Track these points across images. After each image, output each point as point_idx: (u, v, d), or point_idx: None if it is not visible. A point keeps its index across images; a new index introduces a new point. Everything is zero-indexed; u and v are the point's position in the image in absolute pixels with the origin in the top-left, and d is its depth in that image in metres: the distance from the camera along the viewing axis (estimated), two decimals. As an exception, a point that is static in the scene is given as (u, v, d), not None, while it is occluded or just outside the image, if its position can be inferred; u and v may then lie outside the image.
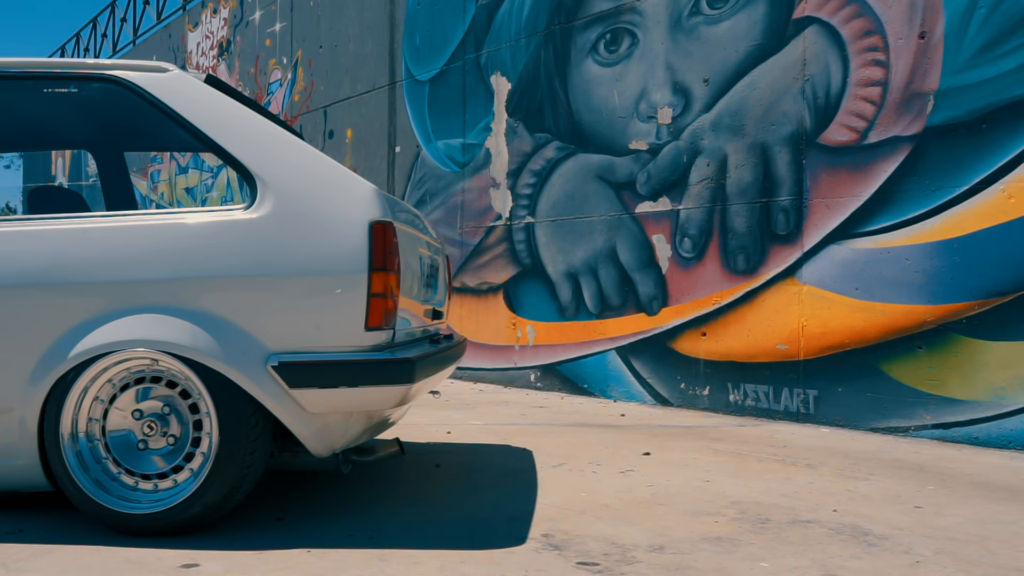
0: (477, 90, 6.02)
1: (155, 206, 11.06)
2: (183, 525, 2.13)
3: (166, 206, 10.81)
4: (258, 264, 2.14)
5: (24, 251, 2.19)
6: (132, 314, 2.13)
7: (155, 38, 11.31)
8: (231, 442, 2.11)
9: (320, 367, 2.12)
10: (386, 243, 2.18)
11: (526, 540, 2.13)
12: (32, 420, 2.17)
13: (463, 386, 5.75)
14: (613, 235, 5.03)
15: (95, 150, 3.26)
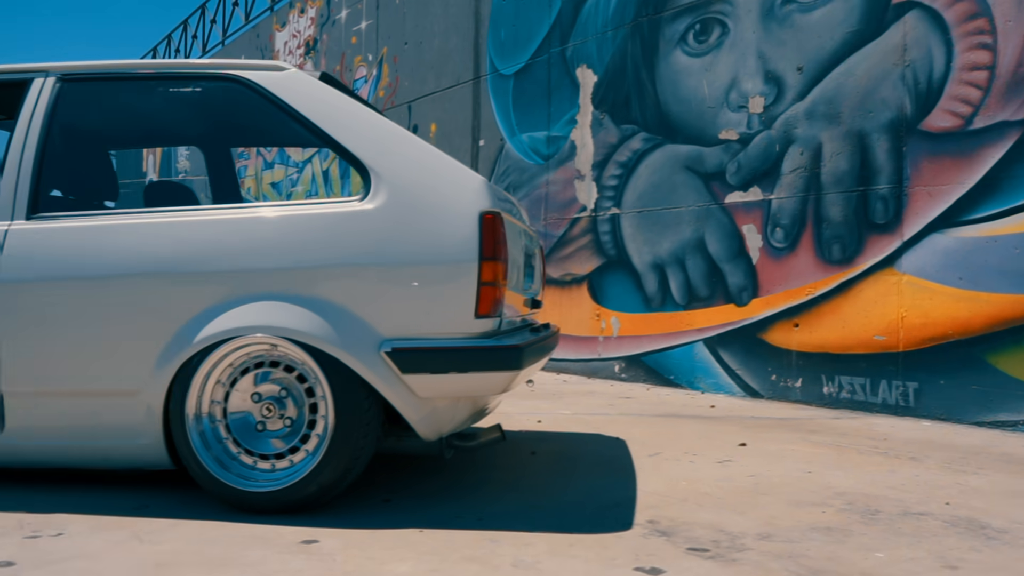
0: (562, 83, 6.03)
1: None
2: (299, 504, 2.21)
3: (251, 200, 11.13)
4: (372, 254, 2.20)
5: (152, 242, 2.30)
6: (253, 302, 2.22)
7: (243, 38, 11.63)
8: (345, 425, 2.18)
9: (431, 353, 2.17)
10: (495, 233, 2.22)
11: (632, 526, 2.15)
12: (158, 402, 2.28)
13: (547, 376, 5.78)
14: (701, 225, 4.98)
15: (206, 146, 3.39)
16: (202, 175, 12.06)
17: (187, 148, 12.63)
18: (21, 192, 2.41)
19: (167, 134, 3.28)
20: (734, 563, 1.86)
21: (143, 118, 2.92)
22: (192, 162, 12.83)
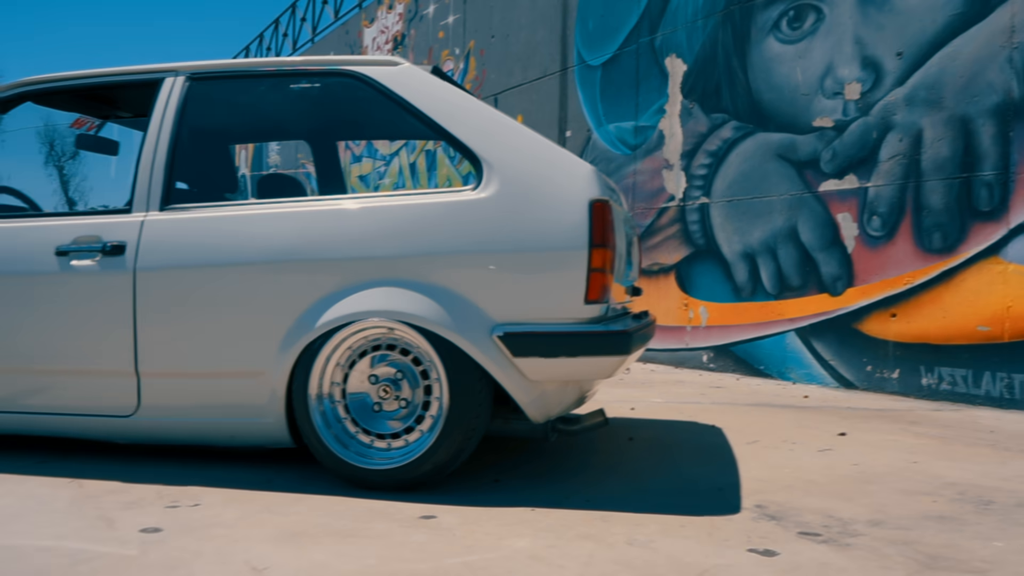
0: (651, 73, 6.01)
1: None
2: (414, 481, 2.30)
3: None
4: (485, 241, 2.27)
5: (277, 231, 2.41)
6: (371, 288, 2.31)
7: (333, 35, 11.89)
8: (459, 406, 2.26)
9: (542, 337, 2.23)
10: (604, 220, 2.25)
11: (740, 510, 2.17)
12: (281, 383, 2.39)
13: (634, 366, 5.78)
14: (794, 214, 4.92)
15: (318, 139, 3.51)
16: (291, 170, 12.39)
17: (278, 144, 12.98)
18: (155, 185, 2.56)
19: (284, 129, 3.42)
20: (848, 548, 1.86)
21: (263, 114, 3.05)
22: (283, 157, 13.18)
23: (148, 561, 1.76)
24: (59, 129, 3.90)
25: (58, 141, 4.09)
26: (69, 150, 4.23)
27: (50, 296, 2.56)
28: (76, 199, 4.45)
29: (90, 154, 3.46)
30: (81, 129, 3.37)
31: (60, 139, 4.07)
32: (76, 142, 3.33)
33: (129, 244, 2.50)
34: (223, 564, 1.74)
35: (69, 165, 4.55)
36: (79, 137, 3.36)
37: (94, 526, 2.01)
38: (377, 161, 10.27)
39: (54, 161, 4.46)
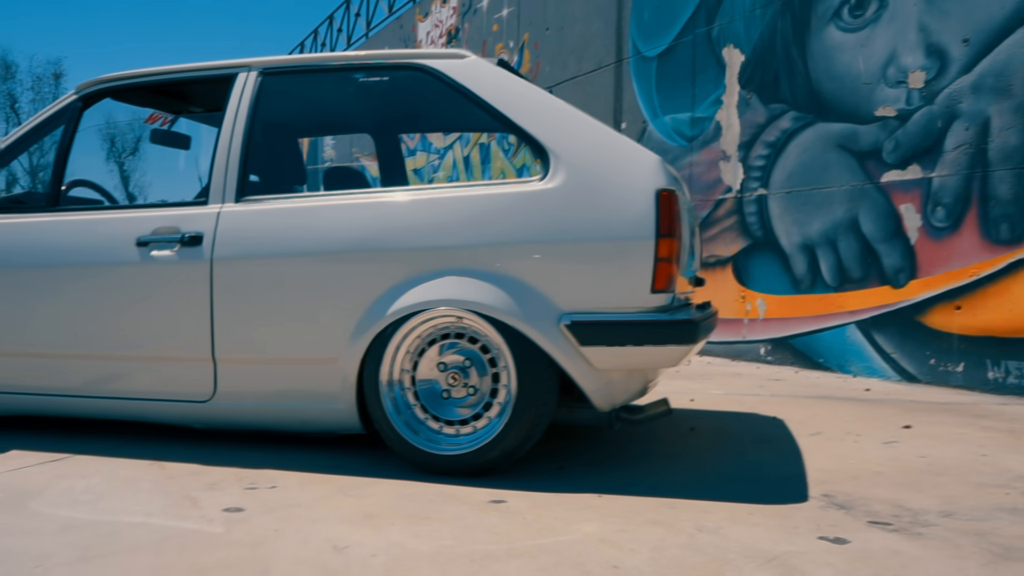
0: (707, 63, 5.97)
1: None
2: (482, 467, 2.34)
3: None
4: (553, 231, 2.30)
5: (348, 221, 2.47)
6: (440, 277, 2.36)
7: (387, 30, 12.01)
8: (526, 394, 2.30)
9: (609, 327, 2.25)
10: (671, 210, 2.27)
11: (807, 498, 2.17)
12: (352, 370, 2.46)
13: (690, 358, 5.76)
14: (855, 205, 4.85)
15: (383, 132, 3.58)
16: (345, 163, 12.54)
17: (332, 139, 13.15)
18: (230, 177, 2.64)
19: (351, 122, 3.49)
20: (920, 537, 1.86)
21: (332, 107, 3.12)
22: (337, 152, 13.36)
23: (233, 538, 1.84)
24: (134, 124, 4.08)
25: (133, 136, 4.28)
26: (143, 144, 4.41)
27: (131, 285, 2.66)
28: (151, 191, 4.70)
29: (163, 148, 3.57)
30: (155, 124, 3.48)
31: (135, 134, 4.25)
32: (151, 137, 3.44)
33: (206, 235, 2.58)
34: (305, 542, 1.81)
35: (143, 159, 4.75)
36: (153, 132, 3.47)
37: (180, 505, 2.09)
38: (431, 155, 10.36)
39: (129, 155, 4.64)
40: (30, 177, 21.42)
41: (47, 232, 2.79)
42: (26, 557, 1.73)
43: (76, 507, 2.08)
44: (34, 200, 3.11)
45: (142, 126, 5.65)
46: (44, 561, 1.70)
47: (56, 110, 2.98)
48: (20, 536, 1.86)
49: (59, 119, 2.97)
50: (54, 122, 2.98)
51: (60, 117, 2.97)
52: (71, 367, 2.78)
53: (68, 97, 2.99)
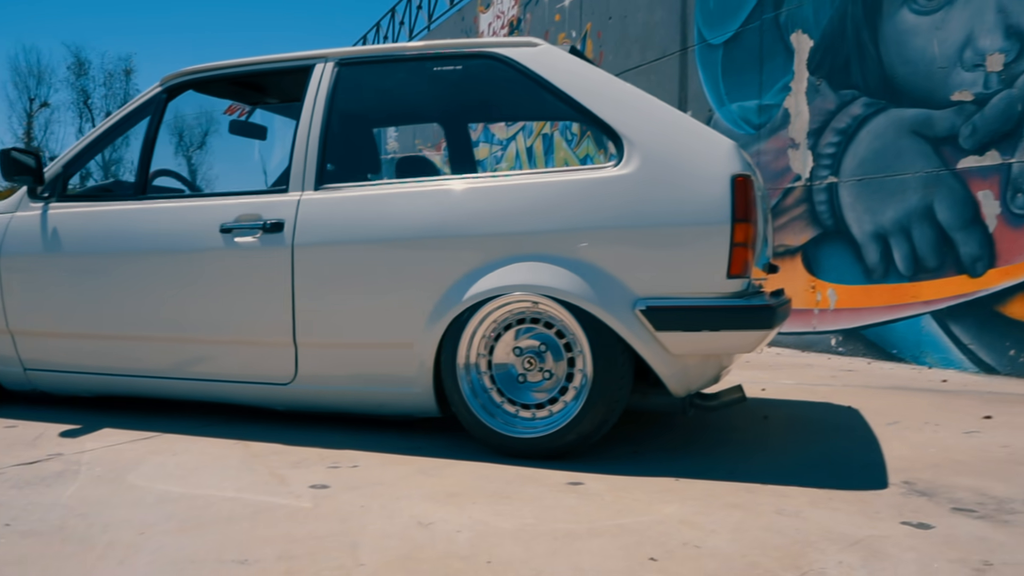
0: (775, 50, 5.89)
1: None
2: (558, 450, 2.38)
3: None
4: (627, 217, 2.32)
5: (425, 208, 2.53)
6: (516, 262, 2.40)
7: (449, 22, 12.10)
8: (602, 378, 2.33)
9: (685, 312, 2.27)
10: (746, 195, 2.27)
11: (888, 485, 2.16)
12: (429, 354, 2.51)
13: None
14: (929, 193, 4.75)
15: (454, 121, 3.63)
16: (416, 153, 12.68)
17: (396, 130, 13.30)
18: (310, 166, 2.72)
19: (425, 111, 3.56)
20: (1007, 524, 1.84)
21: (406, 97, 3.19)
22: (400, 143, 13.51)
23: (321, 513, 1.91)
24: (214, 115, 4.22)
25: (213, 127, 4.46)
26: (212, 136, 4.56)
27: (214, 270, 2.76)
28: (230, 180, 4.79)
29: (240, 138, 3.69)
30: (233, 115, 3.59)
31: (215, 125, 4.43)
32: (229, 127, 3.55)
33: (287, 222, 2.66)
34: (390, 518, 1.87)
35: (221, 149, 4.92)
36: (232, 123, 3.58)
37: (267, 481, 2.18)
38: (494, 146, 10.42)
39: (196, 149, 4.80)
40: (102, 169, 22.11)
41: (135, 219, 2.91)
42: (130, 525, 1.82)
43: (170, 481, 2.18)
44: (122, 189, 3.25)
45: (211, 118, 5.84)
46: (147, 529, 1.80)
47: (142, 102, 3.10)
48: (122, 507, 1.96)
49: (145, 111, 3.09)
50: (140, 113, 3.10)
51: (146, 109, 3.09)
52: (158, 349, 2.90)
53: (153, 89, 3.11)
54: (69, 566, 1.59)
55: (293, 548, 1.68)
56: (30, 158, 3.05)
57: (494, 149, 10.42)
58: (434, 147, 12.34)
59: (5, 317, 3.10)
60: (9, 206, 3.18)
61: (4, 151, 2.97)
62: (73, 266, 2.98)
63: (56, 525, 1.83)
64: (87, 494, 2.07)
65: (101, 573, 1.56)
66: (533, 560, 1.61)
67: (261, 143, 3.82)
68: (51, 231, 3.04)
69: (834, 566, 1.58)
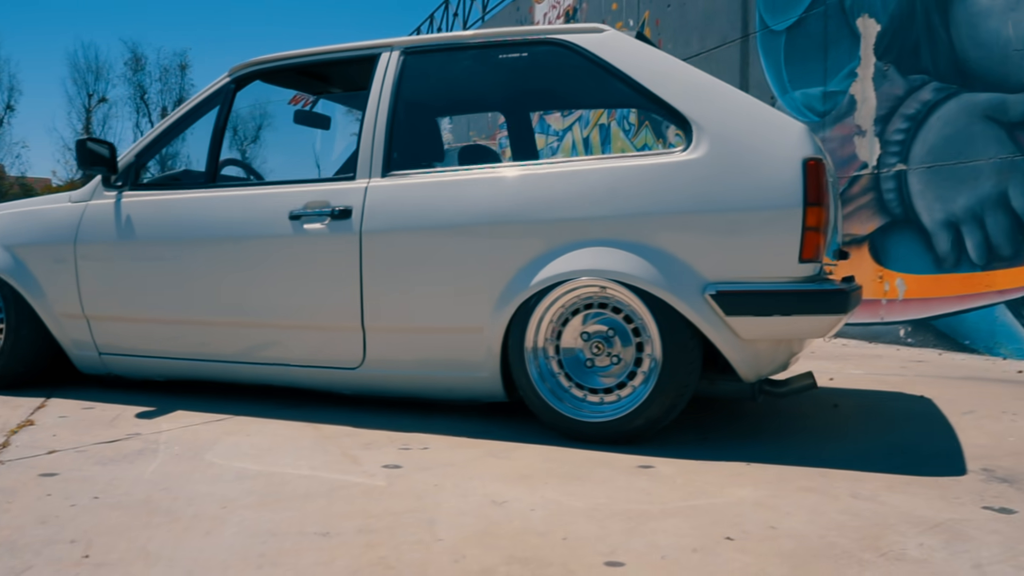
0: (840, 35, 5.81)
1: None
2: (626, 435, 2.40)
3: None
4: (696, 201, 2.33)
5: (493, 194, 2.57)
6: (584, 247, 2.42)
7: (503, 13, 12.14)
8: (671, 363, 2.34)
9: (755, 296, 2.27)
10: (819, 179, 2.27)
11: (966, 472, 2.14)
12: (497, 339, 2.56)
13: (822, 340, 5.65)
14: (1004, 179, 4.65)
15: (515, 109, 3.67)
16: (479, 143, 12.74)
17: (450, 120, 13.40)
18: (377, 153, 2.78)
19: (489, 99, 3.60)
20: (1093, 510, 1.82)
21: (471, 85, 3.23)
22: (455, 134, 13.60)
23: (396, 490, 1.96)
24: (279, 105, 4.35)
25: (278, 117, 4.61)
26: (287, 125, 4.68)
27: (283, 256, 2.83)
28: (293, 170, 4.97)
29: (300, 128, 3.77)
30: (298, 105, 3.68)
31: (280, 115, 4.57)
32: (294, 117, 3.64)
33: (355, 208, 2.73)
34: (464, 496, 1.92)
35: (283, 139, 5.05)
36: (297, 113, 3.66)
37: (341, 461, 2.24)
38: (550, 136, 10.44)
39: (274, 135, 4.93)
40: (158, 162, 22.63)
41: (206, 207, 3.00)
42: (212, 499, 1.90)
43: (246, 459, 2.26)
44: (190, 178, 3.35)
45: (274, 109, 6.01)
46: (228, 503, 1.87)
47: (210, 93, 3.20)
48: (203, 482, 2.04)
49: (213, 101, 3.19)
50: (209, 104, 3.20)
51: (214, 99, 3.18)
52: (227, 334, 2.99)
53: (221, 80, 3.20)
54: (158, 536, 1.67)
55: (371, 523, 1.74)
56: (105, 148, 3.16)
57: (550, 140, 10.44)
58: (488, 138, 12.41)
59: (81, 302, 3.23)
60: (84, 195, 3.31)
61: (80, 141, 3.09)
62: (145, 253, 3.09)
63: (141, 499, 1.92)
64: (168, 470, 2.15)
65: (189, 543, 1.63)
66: (608, 537, 1.64)
67: (323, 132, 3.90)
68: (124, 219, 3.15)
69: (915, 547, 1.58)
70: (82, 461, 2.25)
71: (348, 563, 1.52)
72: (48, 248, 3.27)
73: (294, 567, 1.50)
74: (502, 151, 3.44)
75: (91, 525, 1.73)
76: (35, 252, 3.29)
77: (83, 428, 2.68)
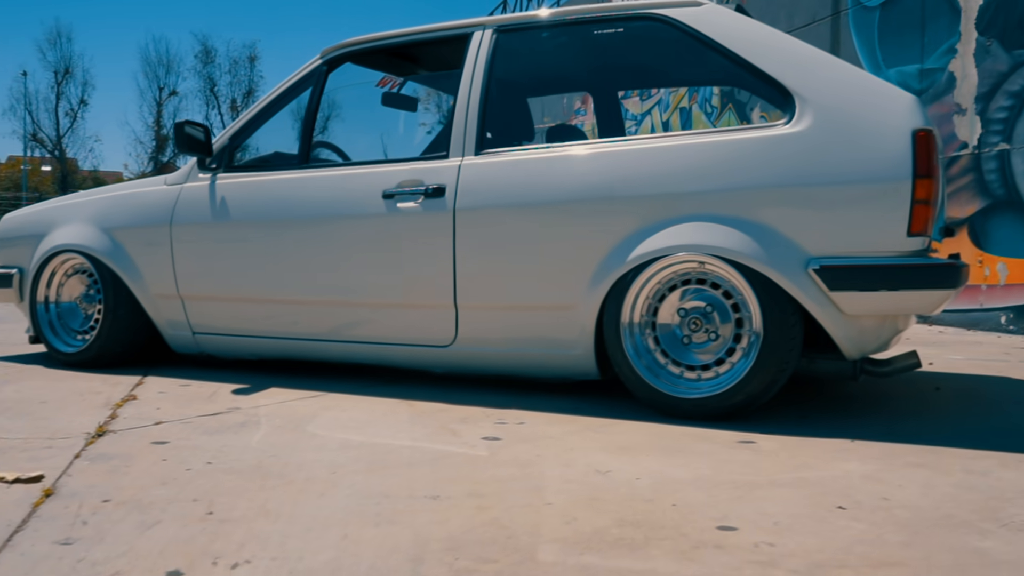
0: (939, 10, 5.69)
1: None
2: (724, 411, 2.43)
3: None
4: (800, 175, 2.35)
5: (586, 171, 2.62)
6: (682, 223, 2.46)
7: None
8: (772, 339, 2.37)
9: (861, 271, 2.28)
10: (929, 151, 2.26)
11: (1085, 452, 2.12)
12: (591, 316, 2.61)
13: (918, 327, 5.56)
14: (1118, 159, 4.51)
15: (606, 87, 3.71)
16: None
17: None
18: (470, 132, 2.85)
19: (581, 77, 3.66)
20: None
21: (564, 62, 3.29)
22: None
23: (499, 460, 2.04)
24: (368, 87, 4.51)
25: (367, 98, 4.75)
26: (375, 107, 4.82)
27: (377, 235, 2.93)
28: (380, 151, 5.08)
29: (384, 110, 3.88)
30: (385, 88, 3.79)
31: (369, 97, 4.72)
32: (382, 99, 3.75)
33: (448, 187, 2.81)
34: (567, 465, 1.98)
35: (374, 120, 5.22)
36: (385, 95, 3.77)
37: (439, 434, 2.33)
38: (628, 121, 10.43)
39: (363, 117, 5.11)
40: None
41: (300, 187, 3.12)
42: (320, 465, 2.00)
43: (347, 431, 2.37)
44: (281, 160, 3.48)
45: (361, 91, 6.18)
46: (337, 469, 1.97)
47: (303, 75, 3.32)
48: (309, 450, 2.15)
49: (306, 83, 3.31)
50: (301, 86, 3.32)
51: (307, 81, 3.30)
52: (320, 313, 3.11)
53: (313, 62, 3.32)
54: (275, 497, 1.77)
55: (479, 488, 1.81)
56: (200, 131, 3.31)
57: (628, 124, 10.43)
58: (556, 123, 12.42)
59: (176, 283, 3.39)
60: (179, 178, 3.47)
61: (178, 124, 3.24)
62: (239, 233, 3.23)
63: (252, 464, 2.03)
64: (273, 440, 2.27)
65: (305, 503, 1.73)
66: (718, 504, 1.69)
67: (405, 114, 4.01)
68: (219, 200, 3.29)
69: (1036, 520, 1.59)
70: (189, 431, 2.38)
71: (462, 522, 1.60)
72: (145, 230, 3.44)
73: (411, 525, 1.59)
74: (596, 129, 3.50)
75: (209, 487, 1.84)
76: (132, 234, 3.47)
77: (184, 402, 2.82)
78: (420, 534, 1.54)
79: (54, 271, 3.63)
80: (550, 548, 1.46)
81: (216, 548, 1.47)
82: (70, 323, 3.65)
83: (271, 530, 1.57)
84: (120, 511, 1.68)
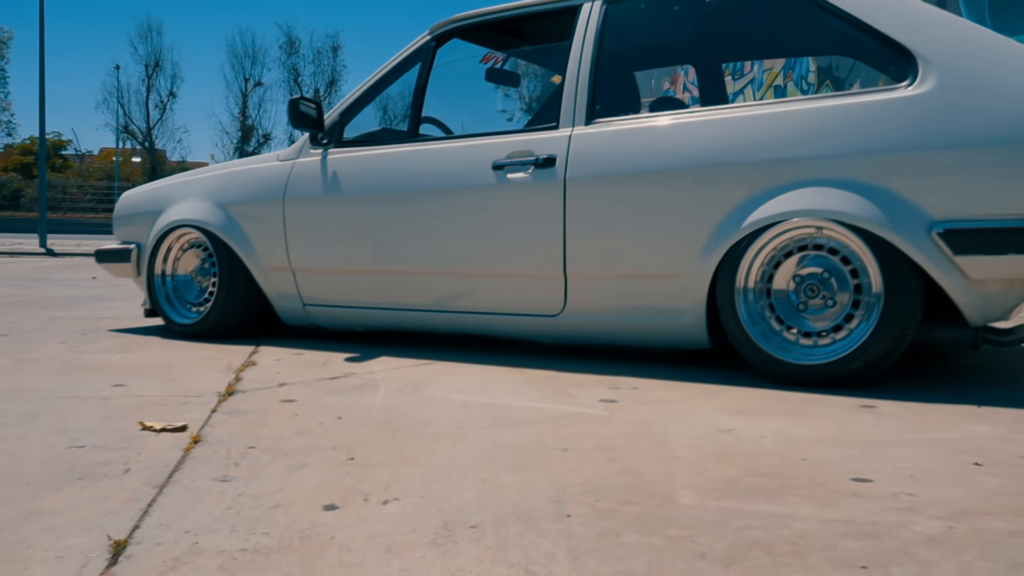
0: (1056, -26, 5.49)
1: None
2: (841, 378, 2.43)
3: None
4: (923, 138, 2.33)
5: (701, 137, 2.64)
6: (798, 188, 2.47)
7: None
8: (893, 305, 2.36)
9: (988, 234, 2.25)
10: (1062, 108, 2.22)
11: None
12: (703, 284, 2.64)
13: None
14: None
15: (713, 56, 3.71)
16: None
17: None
18: (580, 101, 2.90)
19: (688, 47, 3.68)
20: None
21: (671, 33, 3.32)
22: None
23: (619, 419, 2.09)
24: (471, 63, 4.62)
25: (471, 74, 4.86)
26: (478, 82, 4.92)
27: (487, 206, 3.01)
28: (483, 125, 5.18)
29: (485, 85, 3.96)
30: (489, 64, 3.86)
31: (473, 72, 4.82)
32: (486, 75, 3.82)
33: (559, 157, 2.87)
34: (689, 424, 2.02)
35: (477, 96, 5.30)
36: (488, 71, 3.85)
37: (556, 396, 2.40)
38: (717, 101, 10.34)
39: (467, 92, 5.20)
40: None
41: (410, 161, 3.22)
42: (447, 421, 2.09)
43: (465, 393, 2.45)
44: (388, 135, 3.59)
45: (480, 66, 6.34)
46: (464, 424, 2.05)
47: (412, 51, 3.41)
48: (431, 409, 2.24)
49: (415, 59, 3.40)
50: (410, 62, 3.42)
51: (416, 57, 3.40)
52: (429, 283, 3.21)
53: (422, 38, 3.41)
54: (409, 447, 1.86)
55: (606, 442, 1.87)
56: (312, 108, 3.44)
57: (717, 105, 10.34)
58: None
59: (288, 256, 3.53)
60: (292, 153, 3.61)
61: (293, 101, 3.37)
62: (350, 206, 3.35)
63: (381, 420, 2.13)
64: (395, 401, 2.37)
65: (439, 452, 1.82)
66: (849, 460, 1.71)
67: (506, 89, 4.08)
68: (331, 175, 3.42)
69: None
70: (312, 392, 2.50)
71: (596, 470, 1.66)
72: (259, 205, 3.59)
73: (545, 471, 1.66)
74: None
75: (345, 437, 1.95)
76: (246, 209, 3.62)
77: (301, 368, 2.95)
78: (557, 480, 1.60)
79: (170, 246, 3.82)
80: (687, 493, 1.51)
81: (364, 487, 1.57)
82: (185, 296, 3.83)
83: (412, 473, 1.65)
84: (267, 456, 1.79)
